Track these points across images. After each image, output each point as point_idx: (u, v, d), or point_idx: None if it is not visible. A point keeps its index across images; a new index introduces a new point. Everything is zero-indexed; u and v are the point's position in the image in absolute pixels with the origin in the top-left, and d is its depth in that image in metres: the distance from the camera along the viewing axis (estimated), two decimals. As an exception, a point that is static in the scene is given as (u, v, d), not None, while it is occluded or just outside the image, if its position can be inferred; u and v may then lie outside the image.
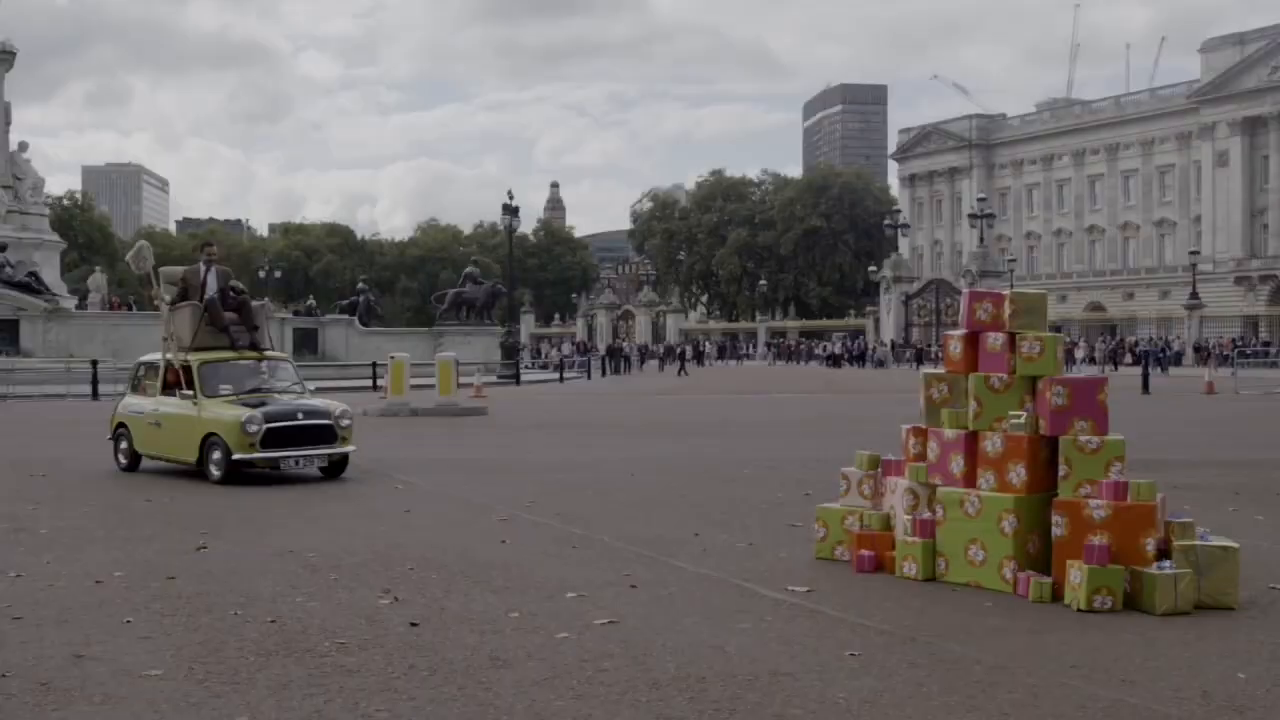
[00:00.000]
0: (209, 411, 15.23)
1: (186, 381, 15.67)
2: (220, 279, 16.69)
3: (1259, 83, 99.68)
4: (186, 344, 15.96)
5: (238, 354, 16.20)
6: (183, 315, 16.15)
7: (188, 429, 15.38)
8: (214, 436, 15.00)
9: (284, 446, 15.01)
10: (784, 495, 13.63)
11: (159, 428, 15.97)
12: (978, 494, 8.88)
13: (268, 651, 6.93)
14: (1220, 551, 8.17)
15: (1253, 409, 33.68)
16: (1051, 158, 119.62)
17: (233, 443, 14.73)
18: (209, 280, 16.55)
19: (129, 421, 16.55)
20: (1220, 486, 14.58)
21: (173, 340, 16.12)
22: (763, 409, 33.70)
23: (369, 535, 11.13)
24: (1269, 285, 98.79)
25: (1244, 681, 6.34)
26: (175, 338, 16.12)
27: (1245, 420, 28.83)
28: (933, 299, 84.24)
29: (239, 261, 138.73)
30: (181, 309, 16.23)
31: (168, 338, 16.24)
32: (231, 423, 14.83)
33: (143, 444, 16.32)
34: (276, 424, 15.00)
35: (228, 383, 15.77)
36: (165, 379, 16.20)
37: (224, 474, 14.85)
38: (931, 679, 6.37)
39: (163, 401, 16.05)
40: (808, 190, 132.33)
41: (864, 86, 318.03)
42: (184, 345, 15.97)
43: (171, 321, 16.20)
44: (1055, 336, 9.18)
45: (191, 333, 16.00)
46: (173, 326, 16.16)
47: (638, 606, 8.08)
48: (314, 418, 15.45)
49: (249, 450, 14.78)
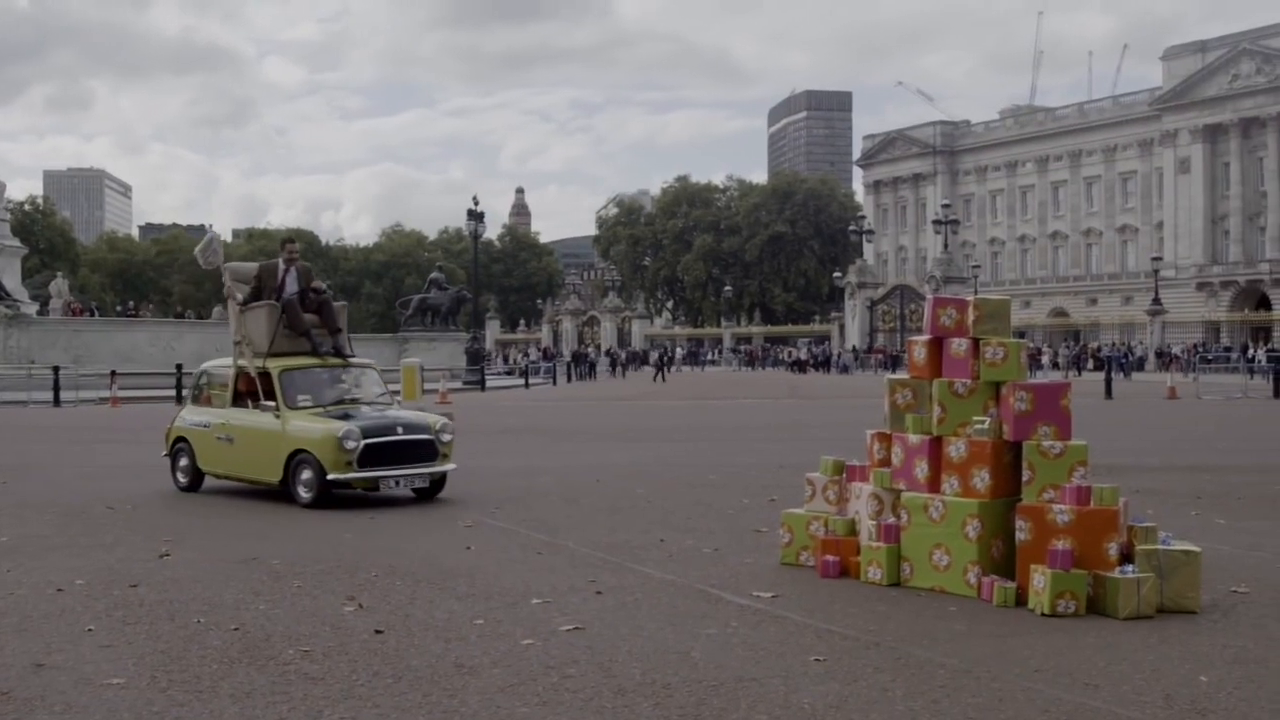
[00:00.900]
0: (296, 425, 13.67)
1: (265, 391, 14.12)
2: (301, 279, 14.97)
3: (1220, 90, 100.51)
4: (263, 349, 14.36)
5: (321, 360, 14.61)
6: (258, 317, 14.57)
7: (269, 445, 13.81)
8: (303, 454, 13.44)
9: (383, 465, 13.50)
10: (749, 501, 13.64)
11: (231, 444, 14.31)
12: (942, 499, 8.91)
13: (231, 659, 6.89)
14: (1182, 556, 8.21)
15: (1214, 414, 33.91)
16: (1015, 164, 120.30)
17: (327, 461, 13.21)
18: (288, 280, 14.86)
19: (191, 436, 14.93)
20: (1182, 491, 14.68)
21: (246, 344, 14.53)
22: (728, 414, 33.73)
23: (333, 542, 11.08)
24: (1230, 291, 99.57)
25: (1206, 684, 6.38)
26: (249, 341, 14.51)
27: (1207, 425, 29.02)
28: (897, 304, 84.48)
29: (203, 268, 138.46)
30: (256, 310, 14.63)
31: (240, 341, 14.61)
32: (325, 438, 13.30)
33: (209, 461, 14.69)
34: (375, 440, 13.46)
35: (306, 392, 14.20)
36: (236, 388, 14.67)
37: (315, 496, 13.30)
38: (896, 683, 6.39)
39: (234, 414, 14.45)
40: (773, 196, 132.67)
41: (829, 93, 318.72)
42: (260, 350, 14.39)
43: (244, 323, 14.61)
44: (1019, 342, 9.22)
45: (269, 336, 14.40)
46: (246, 329, 14.57)
47: (603, 612, 8.07)
48: (414, 432, 13.92)
49: (345, 470, 13.25)
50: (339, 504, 13.43)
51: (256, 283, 14.96)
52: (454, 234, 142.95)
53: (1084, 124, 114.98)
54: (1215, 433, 26.23)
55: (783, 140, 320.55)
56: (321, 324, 14.79)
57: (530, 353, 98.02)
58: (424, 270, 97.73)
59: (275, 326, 14.41)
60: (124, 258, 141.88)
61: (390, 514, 12.88)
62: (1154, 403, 39.38)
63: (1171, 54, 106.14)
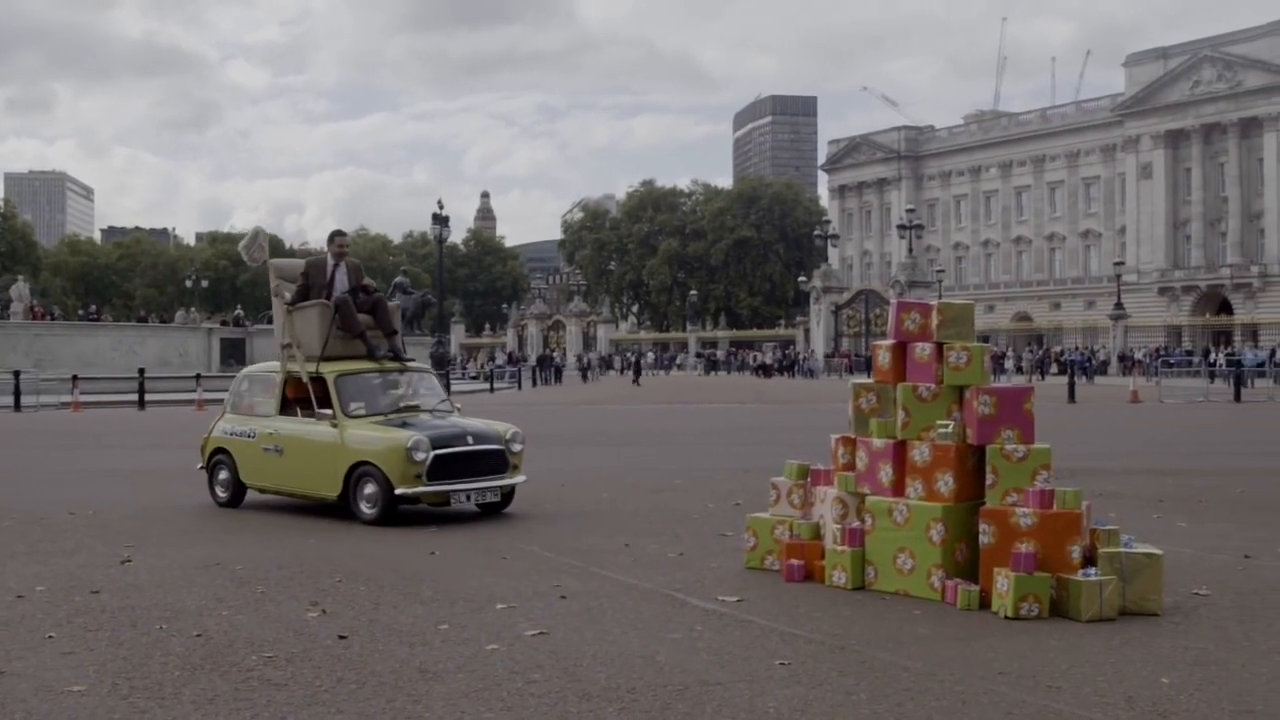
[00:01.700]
0: (356, 435, 12.64)
1: (318, 398, 13.04)
2: (351, 276, 13.91)
3: (1181, 97, 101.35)
4: (316, 352, 13.28)
5: (378, 365, 13.56)
6: (309, 318, 13.46)
7: (327, 457, 12.79)
8: (366, 466, 12.44)
9: (453, 477, 12.52)
10: (714, 505, 13.65)
11: (280, 455, 13.26)
12: (906, 503, 8.93)
13: (193, 666, 6.85)
14: (1144, 558, 8.26)
15: (1176, 417, 34.14)
16: (979, 169, 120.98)
17: (394, 474, 12.23)
18: (338, 277, 13.78)
19: (232, 447, 13.83)
20: (1144, 494, 14.77)
21: (295, 348, 13.43)
22: (693, 419, 33.75)
23: (297, 547, 11.03)
24: (1192, 295, 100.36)
25: (1167, 686, 6.42)
26: (299, 344, 13.40)
27: (1169, 428, 29.21)
28: (862, 309, 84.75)
29: (165, 271, 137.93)
30: (307, 310, 13.51)
31: (288, 344, 13.51)
32: (391, 449, 12.32)
33: (254, 474, 13.65)
34: (444, 450, 12.46)
35: (360, 399, 13.12)
36: (284, 395, 13.64)
37: (380, 513, 12.31)
38: (861, 687, 6.40)
39: (283, 423, 13.43)
40: (738, 201, 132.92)
41: (794, 98, 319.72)
42: (312, 354, 13.31)
43: (293, 325, 13.50)
44: (982, 346, 9.24)
45: (321, 339, 13.31)
46: (295, 331, 13.47)
47: (568, 617, 8.06)
48: (484, 441, 12.91)
49: (414, 483, 12.27)
50: (303, 509, 13.36)
51: (303, 280, 13.86)
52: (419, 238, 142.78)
53: (1047, 129, 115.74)
54: (1177, 436, 26.40)
55: (748, 145, 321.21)
56: (375, 325, 13.82)
57: (496, 357, 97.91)
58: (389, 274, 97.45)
59: (328, 328, 13.37)
60: (86, 261, 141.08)
61: (353, 519, 12.81)
62: (1117, 406, 39.62)
63: (1134, 60, 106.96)
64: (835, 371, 77.22)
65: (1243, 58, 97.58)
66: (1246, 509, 13.59)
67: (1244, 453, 21.80)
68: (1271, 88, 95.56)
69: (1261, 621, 7.95)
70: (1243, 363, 57.60)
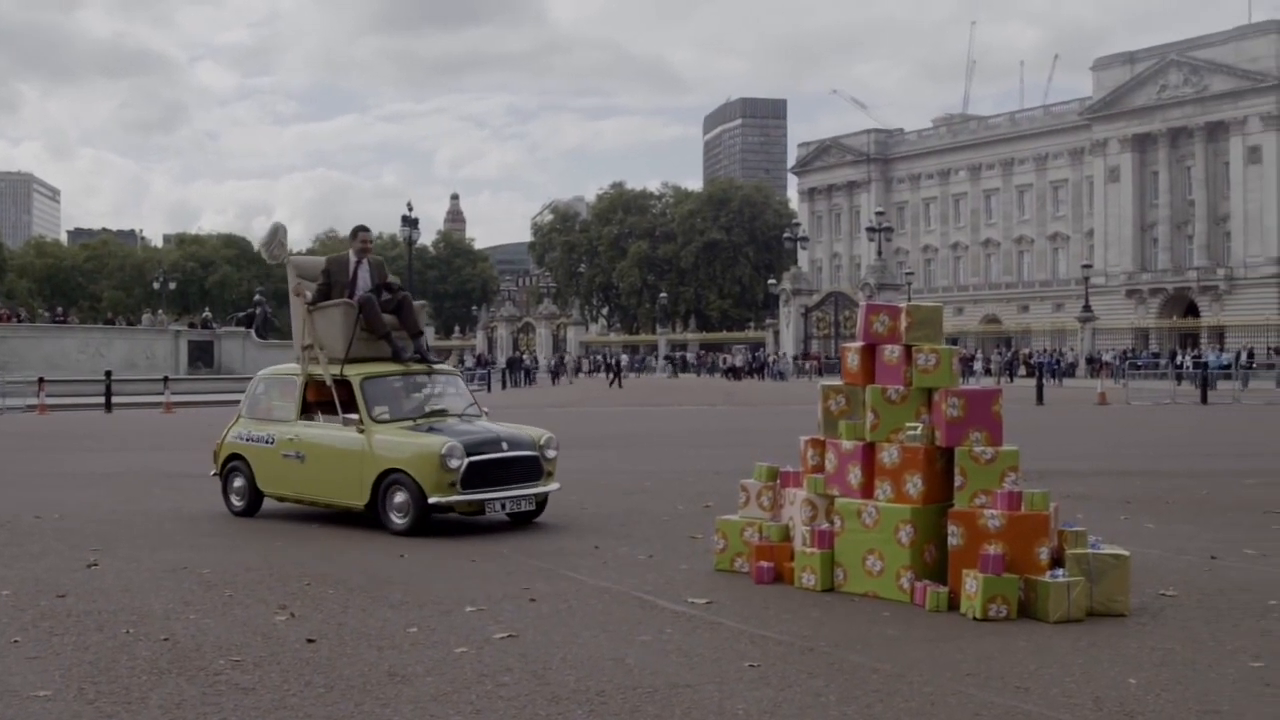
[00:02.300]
0: (385, 441, 12.10)
1: (343, 402, 12.55)
2: (374, 274, 13.36)
3: (1149, 100, 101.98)
4: (340, 354, 12.75)
5: (404, 367, 13.01)
6: (332, 318, 12.88)
7: (353, 464, 12.22)
8: (396, 474, 11.89)
9: (487, 485, 11.98)
10: (684, 507, 13.66)
11: (302, 462, 12.70)
12: (875, 505, 8.95)
13: (161, 670, 6.81)
14: (1112, 559, 8.30)
15: (1143, 419, 34.32)
16: (948, 172, 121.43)
17: (428, 482, 11.68)
18: (360, 275, 13.21)
19: (249, 453, 13.26)
20: (1112, 495, 14.84)
21: (318, 349, 12.89)
22: (664, 421, 33.76)
23: (265, 550, 10.99)
24: (1159, 298, 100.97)
25: (1135, 686, 6.45)
26: (321, 346, 12.86)
27: (1136, 430, 29.35)
28: (832, 311, 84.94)
29: (132, 273, 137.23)
30: (329, 310, 12.91)
31: (310, 345, 12.95)
32: (424, 455, 11.76)
33: (272, 482, 13.08)
34: (479, 457, 11.93)
35: (385, 403, 12.55)
36: (305, 398, 13.12)
37: (412, 523, 11.78)
38: (830, 689, 6.41)
39: (304, 428, 12.87)
40: (708, 203, 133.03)
41: (764, 100, 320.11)
42: (336, 355, 12.79)
43: (315, 325, 12.93)
44: (951, 349, 9.28)
45: (346, 340, 12.75)
46: (317, 331, 12.90)
47: (537, 620, 8.05)
48: (518, 448, 12.37)
49: (447, 492, 11.72)
50: (270, 512, 13.31)
51: (324, 278, 13.22)
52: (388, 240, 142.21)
53: (1016, 133, 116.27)
54: (1144, 438, 26.54)
55: (718, 147, 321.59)
56: (400, 325, 13.18)
57: (466, 359, 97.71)
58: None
59: (352, 328, 12.78)
60: (52, 263, 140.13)
61: (323, 521, 12.77)
62: (1084, 408, 39.81)
63: (1101, 65, 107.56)
64: (805, 374, 77.34)
65: (1209, 62, 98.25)
66: (1212, 510, 13.67)
67: (1210, 454, 21.93)
68: (1237, 92, 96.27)
69: (1227, 622, 8.00)
70: (1208, 365, 57.87)
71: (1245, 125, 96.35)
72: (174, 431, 27.92)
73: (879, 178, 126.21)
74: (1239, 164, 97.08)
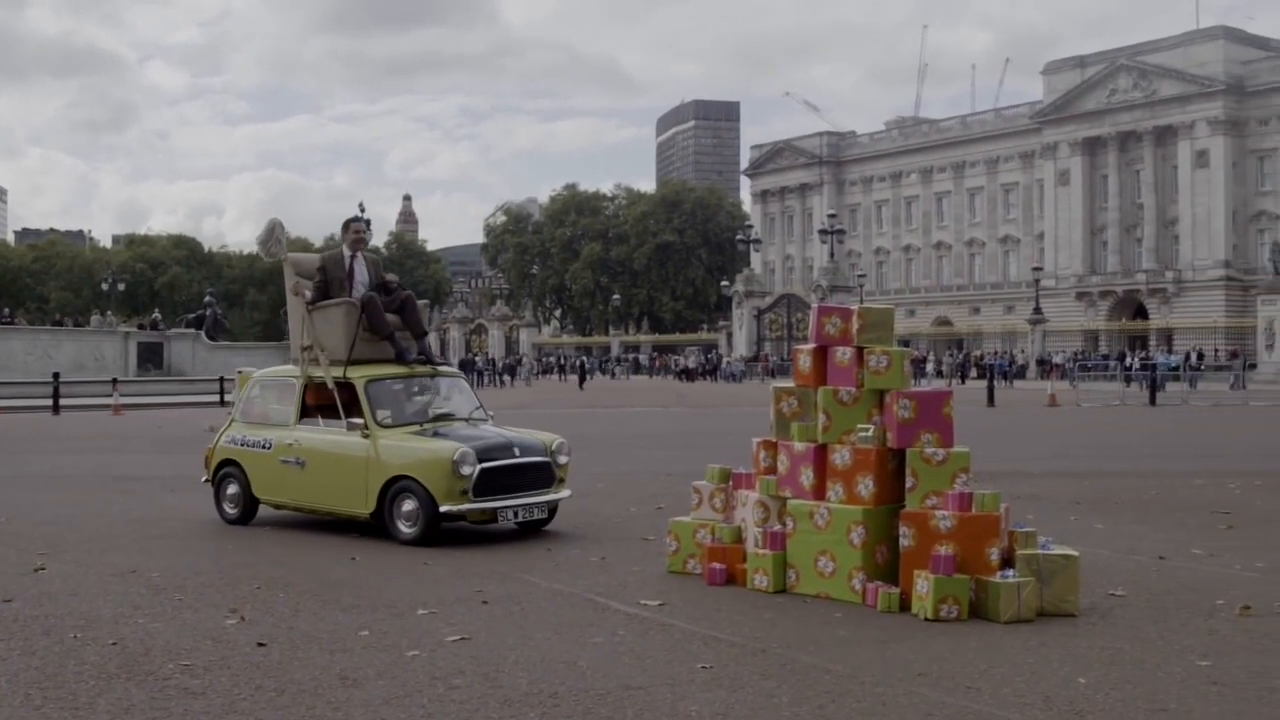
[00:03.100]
0: (392, 447, 11.59)
1: (345, 406, 12.04)
2: (371, 270, 12.92)
3: (1099, 104, 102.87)
4: (342, 355, 12.25)
5: (409, 369, 12.53)
6: (333, 317, 12.39)
7: (358, 471, 11.72)
8: (405, 481, 11.38)
9: (498, 493, 11.50)
10: (636, 509, 13.66)
11: (302, 468, 12.21)
12: (827, 506, 8.97)
13: (109, 675, 6.75)
14: (1062, 560, 8.35)
15: (1093, 420, 34.59)
16: (900, 175, 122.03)
17: (439, 490, 11.18)
18: (356, 271, 12.73)
19: (243, 459, 12.75)
20: (1062, 496, 14.94)
21: (318, 350, 12.38)
22: (616, 423, 33.75)
23: (215, 554, 10.91)
24: (1108, 300, 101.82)
25: (1084, 686, 6.49)
26: (321, 346, 12.36)
27: (1086, 431, 29.57)
28: (784, 313, 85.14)
29: (81, 273, 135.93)
30: (330, 309, 12.43)
31: (309, 346, 12.44)
32: (434, 462, 11.28)
33: (269, 488, 12.59)
34: (491, 463, 11.45)
35: (389, 407, 12.08)
36: (304, 402, 12.59)
37: (421, 532, 11.27)
38: (782, 690, 6.42)
39: (304, 432, 12.37)
40: (661, 205, 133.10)
41: (717, 103, 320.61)
42: (337, 357, 12.29)
43: (315, 325, 12.44)
44: (902, 350, 9.32)
45: (348, 340, 12.25)
46: (317, 332, 12.40)
47: (489, 622, 8.03)
48: (530, 453, 11.88)
49: (459, 500, 11.23)
50: (208, 517, 13.19)
51: (320, 276, 12.76)
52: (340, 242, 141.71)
53: (967, 136, 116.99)
54: (1094, 439, 26.74)
55: (671, 149, 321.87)
56: (403, 325, 12.74)
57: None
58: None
59: (355, 329, 12.30)
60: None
61: (275, 524, 12.69)
62: (1035, 410, 40.07)
63: (1052, 69, 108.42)
64: (756, 376, 77.50)
65: (1158, 67, 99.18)
66: (1161, 511, 13.79)
67: (1158, 455, 22.12)
68: (1185, 96, 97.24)
69: (1175, 621, 8.08)
70: (1157, 366, 58.38)
71: (1193, 129, 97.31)
72: (123, 434, 27.69)
73: (831, 180, 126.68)
74: (1187, 168, 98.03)
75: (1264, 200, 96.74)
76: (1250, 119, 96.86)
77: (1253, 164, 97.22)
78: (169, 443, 24.68)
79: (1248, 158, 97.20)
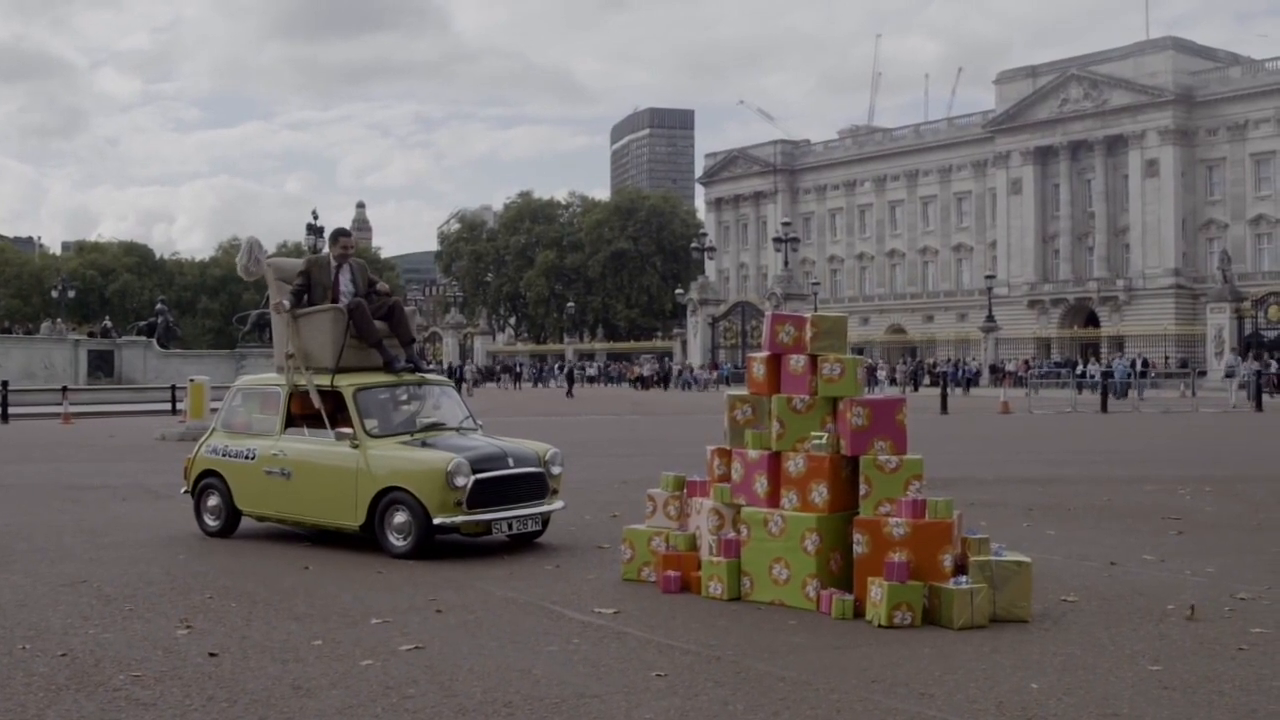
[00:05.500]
0: (382, 457, 11.27)
1: (331, 415, 11.81)
2: (358, 278, 12.57)
3: (1050, 114, 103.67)
4: (328, 363, 11.96)
5: (397, 378, 12.18)
6: (318, 324, 12.07)
7: (346, 482, 11.38)
8: (397, 493, 11.07)
9: (493, 504, 11.21)
10: (591, 517, 13.65)
11: (288, 479, 11.84)
12: (781, 513, 9.00)
13: (58, 686, 6.68)
14: (1014, 566, 8.40)
15: (1045, 427, 34.80)
16: (854, 183, 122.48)
17: (432, 502, 10.87)
18: (341, 279, 12.45)
19: (225, 470, 12.37)
20: (1014, 503, 15.03)
21: (300, 358, 12.06)
22: (570, 430, 33.68)
23: (166, 564, 10.82)
24: (1060, 308, 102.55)
25: (1036, 691, 6.53)
26: (306, 355, 12.07)
27: (1038, 439, 29.75)
28: (739, 321, 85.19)
29: (30, 280, 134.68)
30: (316, 316, 12.12)
31: (293, 354, 12.06)
32: (427, 473, 10.97)
33: (252, 500, 12.21)
34: (485, 474, 11.16)
35: (377, 416, 11.78)
36: (289, 411, 12.27)
37: (414, 544, 10.96)
38: (736, 697, 6.43)
39: (290, 442, 12.02)
40: (615, 213, 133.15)
41: (671, 111, 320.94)
42: (324, 365, 12.00)
43: (300, 332, 12.12)
44: (856, 358, 9.36)
45: (335, 348, 11.96)
46: (303, 339, 12.11)
47: (443, 631, 8.01)
48: (524, 464, 11.58)
49: (453, 511, 10.93)
50: (172, 522, 13.10)
51: (302, 280, 12.46)
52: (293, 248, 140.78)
53: (920, 145, 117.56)
54: (1046, 446, 26.90)
55: (625, 157, 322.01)
56: (391, 333, 12.44)
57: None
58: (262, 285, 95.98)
59: (342, 336, 11.99)
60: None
61: (225, 534, 12.58)
62: (988, 417, 40.28)
63: (1004, 78, 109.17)
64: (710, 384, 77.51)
65: (1108, 77, 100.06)
66: (1112, 517, 13.90)
67: (1110, 462, 22.28)
68: (1136, 106, 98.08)
69: (1126, 626, 8.14)
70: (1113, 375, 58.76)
71: (1144, 139, 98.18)
72: (73, 443, 27.44)
73: (785, 188, 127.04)
74: (1137, 177, 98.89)
75: (1213, 209, 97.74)
76: (1199, 129, 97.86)
77: (1202, 173, 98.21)
78: (120, 451, 24.48)
79: (1197, 167, 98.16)
